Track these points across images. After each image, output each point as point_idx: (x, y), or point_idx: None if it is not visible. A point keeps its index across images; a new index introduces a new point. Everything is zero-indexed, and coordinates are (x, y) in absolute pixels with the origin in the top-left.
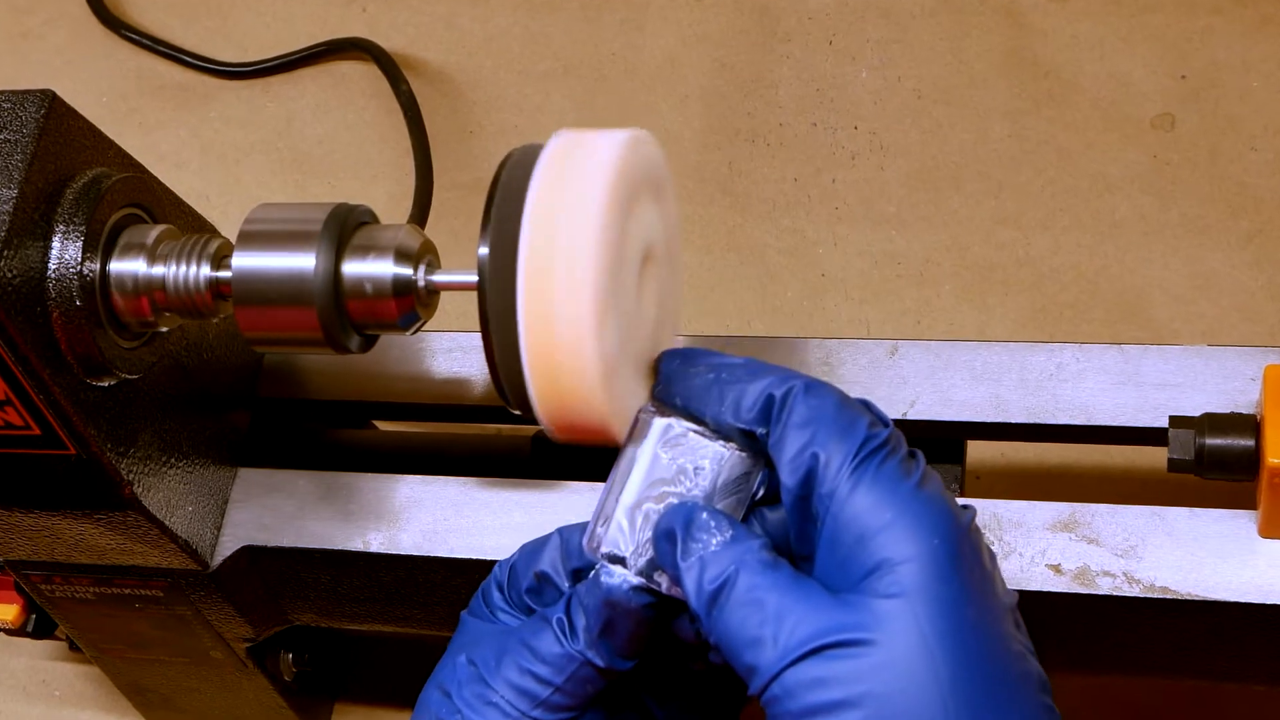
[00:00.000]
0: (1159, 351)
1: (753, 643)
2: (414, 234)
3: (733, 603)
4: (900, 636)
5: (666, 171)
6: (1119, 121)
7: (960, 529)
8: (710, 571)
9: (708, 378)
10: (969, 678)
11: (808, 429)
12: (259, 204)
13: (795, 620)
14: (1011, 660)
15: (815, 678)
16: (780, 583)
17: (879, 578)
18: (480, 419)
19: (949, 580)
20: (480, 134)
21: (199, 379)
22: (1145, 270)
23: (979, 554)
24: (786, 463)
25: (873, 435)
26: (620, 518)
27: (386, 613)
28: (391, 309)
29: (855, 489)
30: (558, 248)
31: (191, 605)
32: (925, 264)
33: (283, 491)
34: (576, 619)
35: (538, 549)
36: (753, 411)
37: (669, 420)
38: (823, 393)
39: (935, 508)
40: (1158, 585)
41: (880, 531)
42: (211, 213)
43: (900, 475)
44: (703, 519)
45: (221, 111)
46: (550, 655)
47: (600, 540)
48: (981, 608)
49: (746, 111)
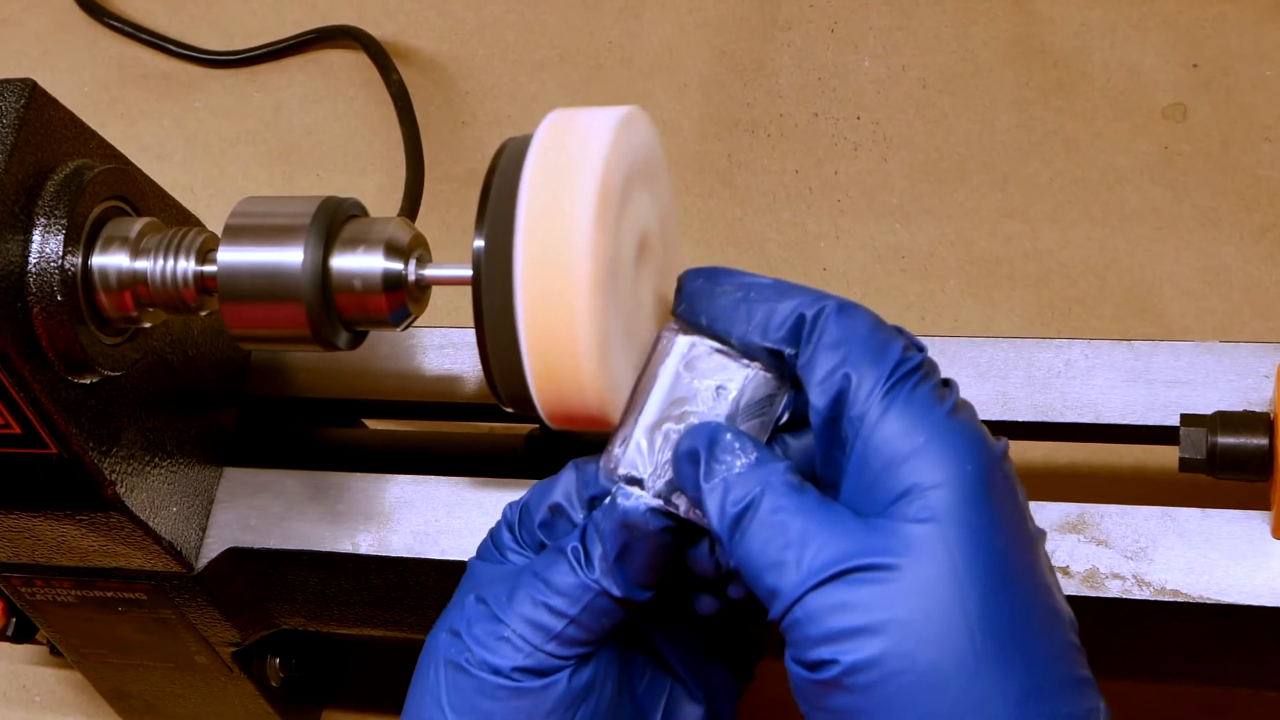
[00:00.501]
0: (1170, 348)
1: (775, 566)
2: (405, 227)
3: (756, 525)
4: (927, 562)
5: (661, 153)
6: (1129, 111)
7: (993, 456)
8: (734, 494)
9: (734, 296)
10: (997, 607)
11: (839, 350)
12: (245, 197)
13: (820, 544)
14: (1041, 593)
15: (838, 602)
16: (806, 506)
17: (908, 502)
18: (472, 417)
19: (980, 507)
20: (473, 124)
21: (184, 376)
22: (1156, 264)
23: (1011, 484)
24: (816, 384)
25: (906, 358)
26: (639, 437)
27: (376, 616)
28: (381, 304)
29: (887, 412)
30: (555, 241)
31: (176, 609)
32: (929, 258)
33: (270, 491)
34: (592, 547)
35: (551, 483)
36: (782, 330)
37: (692, 338)
38: (856, 314)
39: (968, 434)
40: (1169, 588)
41: (912, 456)
42: (196, 206)
43: (934, 400)
44: (727, 439)
45: (206, 101)
46: (565, 586)
47: (618, 461)
48: (1012, 538)
49: (746, 101)
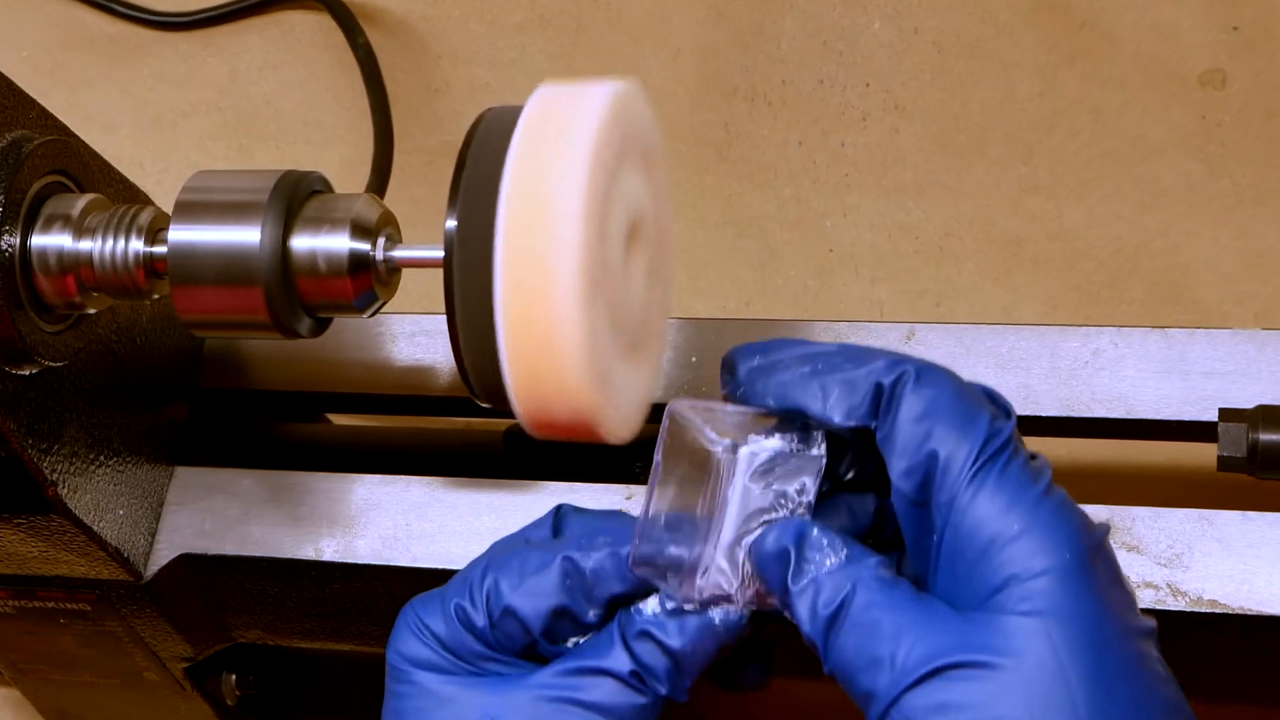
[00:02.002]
0: (1207, 336)
1: (870, 665)
2: (372, 204)
3: (849, 625)
4: (1032, 656)
5: (656, 132)
6: (1163, 78)
7: (1094, 541)
8: (825, 594)
9: (801, 371)
10: (1107, 702)
11: (922, 424)
12: (198, 171)
13: (915, 639)
14: (1156, 684)
15: (938, 702)
16: (899, 600)
17: (1007, 594)
18: (446, 411)
19: (1084, 597)
20: (447, 92)
21: (131, 367)
22: (1192, 245)
23: (1114, 570)
24: (899, 463)
25: (996, 432)
26: (721, 561)
27: (341, 629)
28: (346, 288)
29: (978, 495)
30: (538, 221)
31: (123, 620)
32: (945, 238)
33: (225, 493)
34: (654, 663)
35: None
36: (864, 406)
37: (750, 449)
38: (938, 380)
39: (1067, 517)
40: (1206, 598)
41: (1010, 543)
42: (145, 181)
43: (1027, 480)
44: (814, 536)
45: (157, 68)
46: (623, 708)
47: (701, 591)
48: (1120, 627)
49: (745, 67)
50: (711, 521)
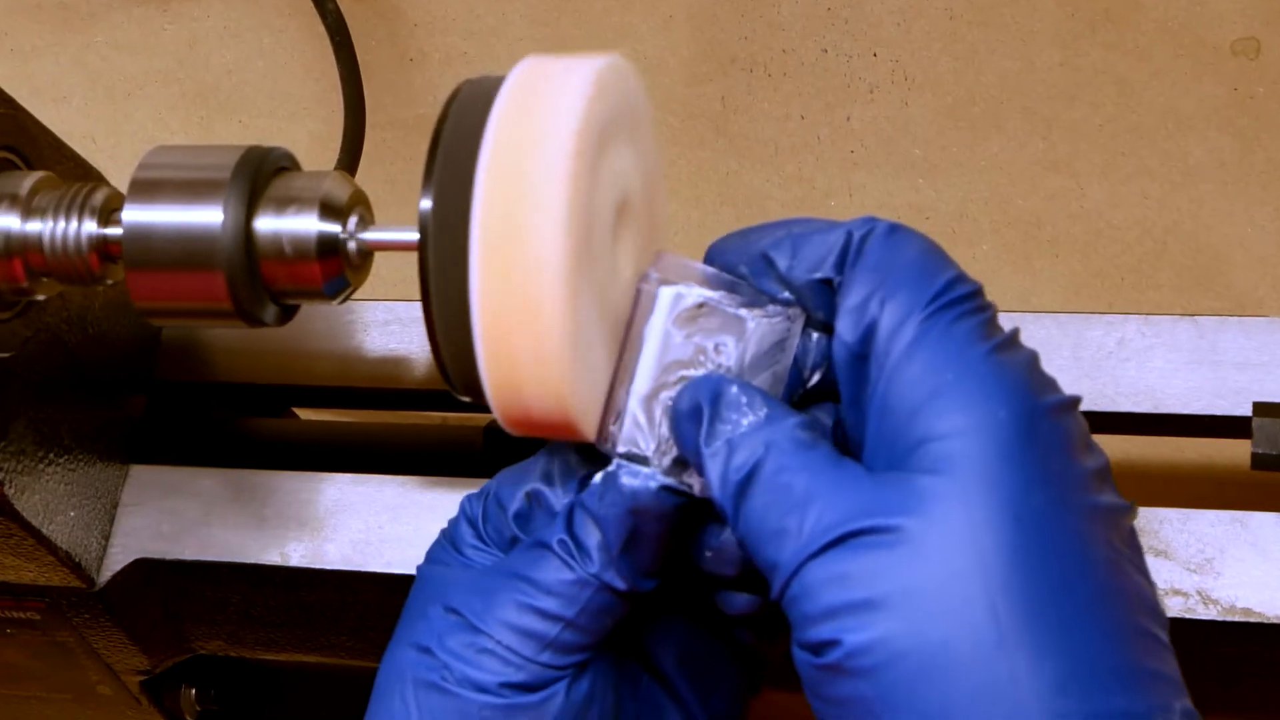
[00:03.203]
0: (1240, 324)
1: (775, 535)
2: (343, 183)
3: (758, 490)
4: (939, 521)
5: (647, 107)
6: (1193, 47)
7: (1040, 405)
8: (739, 457)
9: (777, 235)
10: (1029, 578)
11: (877, 274)
12: (155, 147)
13: (823, 505)
14: (1094, 566)
15: (838, 573)
16: (814, 463)
17: (925, 450)
18: (422, 405)
19: (1015, 460)
20: (423, 62)
21: (83, 358)
22: (1224, 226)
23: (1067, 442)
24: (846, 313)
25: (953, 286)
26: (635, 409)
27: (310, 639)
28: (315, 273)
29: (916, 346)
30: (519, 201)
31: (74, 630)
32: (959, 219)
33: (184, 493)
34: (585, 536)
35: (524, 468)
36: (830, 258)
37: (676, 289)
38: (907, 237)
39: (1009, 374)
40: (1239, 606)
41: (937, 396)
42: (98, 157)
43: (976, 336)
44: (732, 394)
45: (110, 35)
46: (557, 584)
47: (615, 439)
48: (1057, 498)
49: (743, 35)
50: (625, 360)
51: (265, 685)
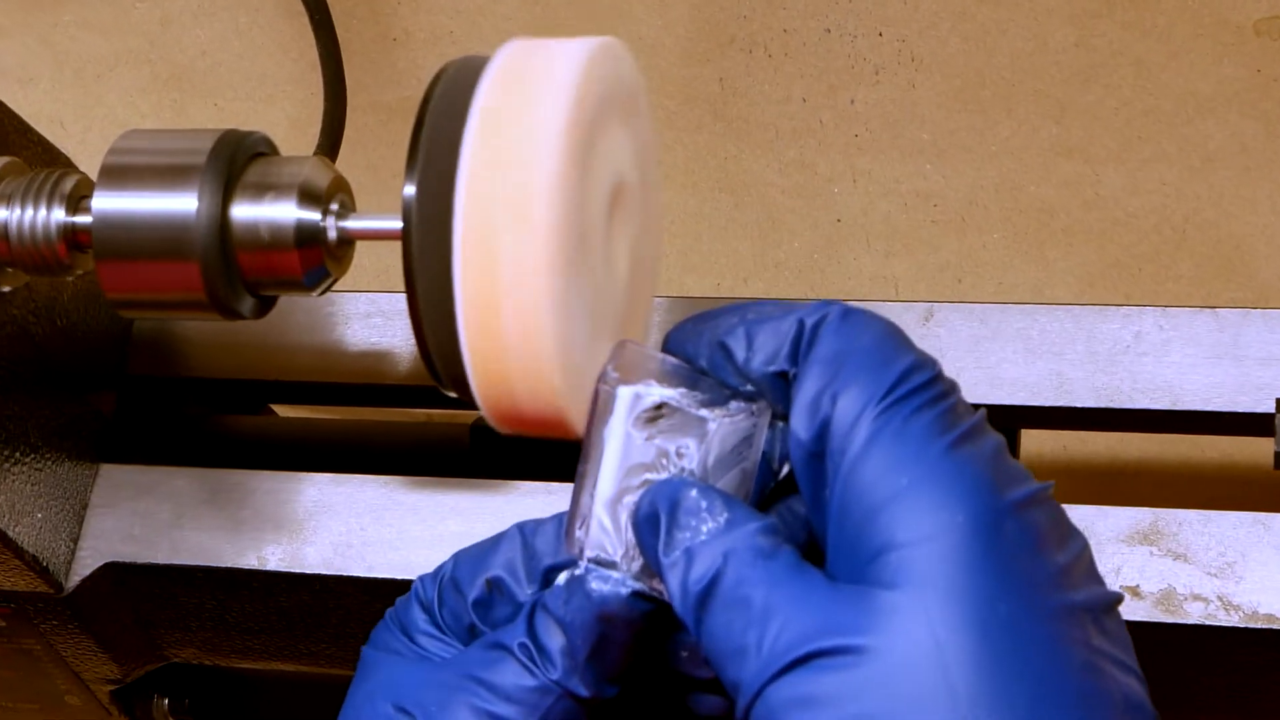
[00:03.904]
0: (1263, 317)
1: (737, 652)
2: (322, 168)
3: (718, 604)
4: (903, 639)
5: (641, 88)
6: (1213, 26)
7: (1002, 503)
8: (697, 568)
9: (730, 322)
10: (998, 691)
11: (832, 365)
12: (126, 131)
13: (783, 622)
14: (1071, 672)
15: (800, 695)
16: (773, 575)
17: (884, 562)
18: (406, 402)
19: (977, 567)
20: (407, 42)
21: (51, 352)
22: (1246, 214)
23: (1037, 540)
24: (799, 410)
25: (910, 375)
26: (600, 514)
27: (288, 647)
28: (294, 263)
29: (872, 445)
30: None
31: (42, 637)
32: (968, 206)
33: (156, 494)
34: (548, 640)
35: (486, 552)
36: (785, 347)
37: (635, 389)
38: (861, 322)
39: (968, 472)
40: (1262, 612)
41: (894, 501)
42: (66, 142)
43: (934, 430)
44: (691, 499)
45: (79, 14)
46: (516, 690)
47: (582, 544)
48: (1026, 604)
49: (742, 13)
50: (588, 463)
51: (241, 695)
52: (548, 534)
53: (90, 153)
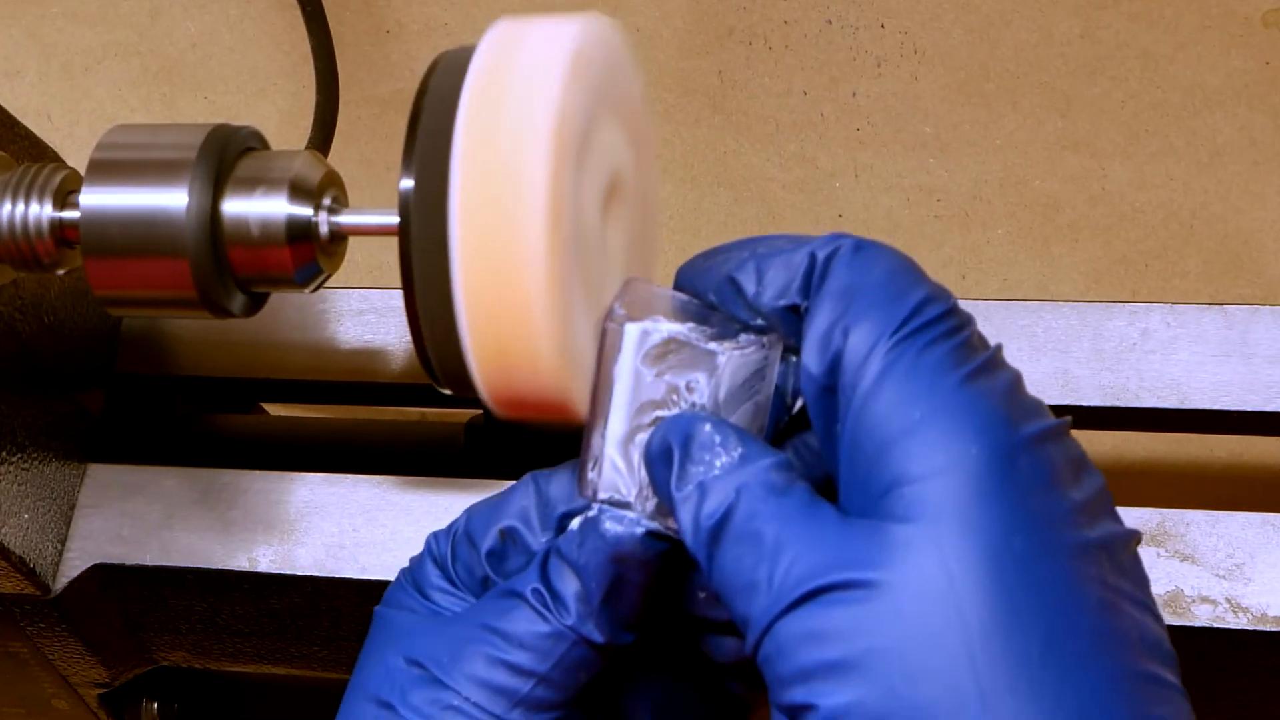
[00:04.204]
0: (1272, 314)
1: (747, 588)
2: (314, 163)
3: (729, 538)
4: (914, 573)
5: (638, 77)
6: (1221, 18)
7: (1017, 437)
8: (710, 502)
9: (741, 257)
10: (1011, 627)
11: (844, 298)
12: (115, 125)
13: (794, 556)
14: (1086, 609)
15: (810, 630)
16: (785, 510)
17: (896, 496)
18: (400, 400)
19: (989, 502)
20: (400, 35)
21: (38, 349)
22: (1255, 209)
23: (1052, 475)
24: (811, 343)
25: (923, 308)
26: (612, 454)
27: (279, 650)
28: (285, 259)
29: (884, 378)
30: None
31: (28, 640)
32: (972, 201)
33: (146, 494)
34: (562, 585)
35: (499, 502)
36: (796, 281)
37: (642, 325)
38: (875, 254)
39: (980, 407)
40: (1271, 615)
41: (907, 435)
42: (53, 135)
43: (947, 365)
44: (705, 433)
45: (67, 6)
46: (529, 637)
47: (595, 486)
48: (1041, 539)
49: (742, 4)
50: (597, 403)
51: (232, 698)
52: (562, 481)
53: (78, 147)
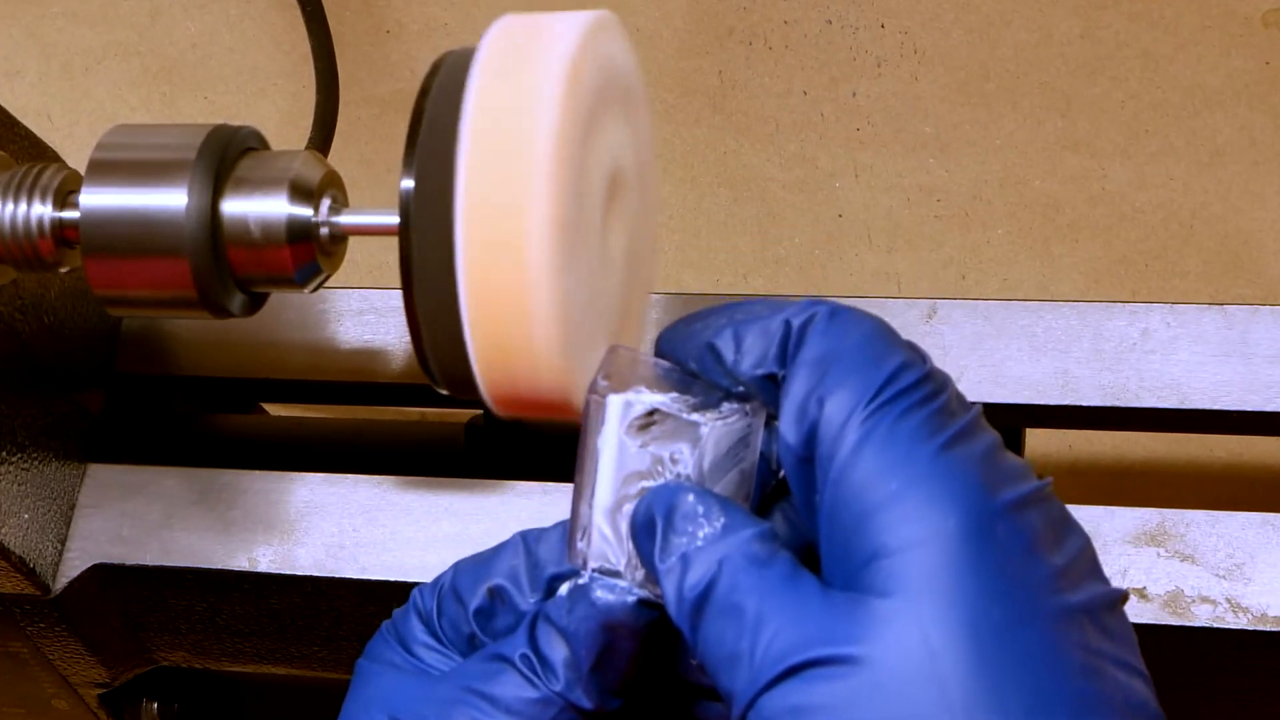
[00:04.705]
0: (1272, 314)
1: (730, 661)
2: (314, 163)
3: (712, 611)
4: (895, 648)
5: (638, 76)
6: (1221, 18)
7: (995, 504)
8: (693, 574)
9: (719, 324)
10: (993, 698)
11: (819, 367)
12: (115, 125)
13: (775, 630)
14: (1069, 676)
15: (793, 706)
16: (767, 582)
17: (876, 569)
18: (399, 400)
19: (969, 573)
20: (400, 34)
21: (38, 349)
22: (1255, 209)
23: (1031, 541)
24: (788, 413)
25: (899, 375)
26: (600, 523)
27: (279, 650)
28: (285, 259)
29: (860, 450)
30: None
31: (29, 640)
32: (972, 201)
33: (146, 494)
34: (550, 651)
35: (488, 560)
36: (773, 349)
37: (625, 397)
38: (850, 321)
39: (958, 475)
40: (1271, 615)
41: (885, 507)
42: (54, 136)
43: (924, 432)
44: (688, 504)
45: (67, 5)
46: (517, 703)
47: (585, 555)
48: (1021, 607)
49: (742, 4)
50: (584, 474)
51: (231, 698)
52: (551, 542)
53: (78, 147)
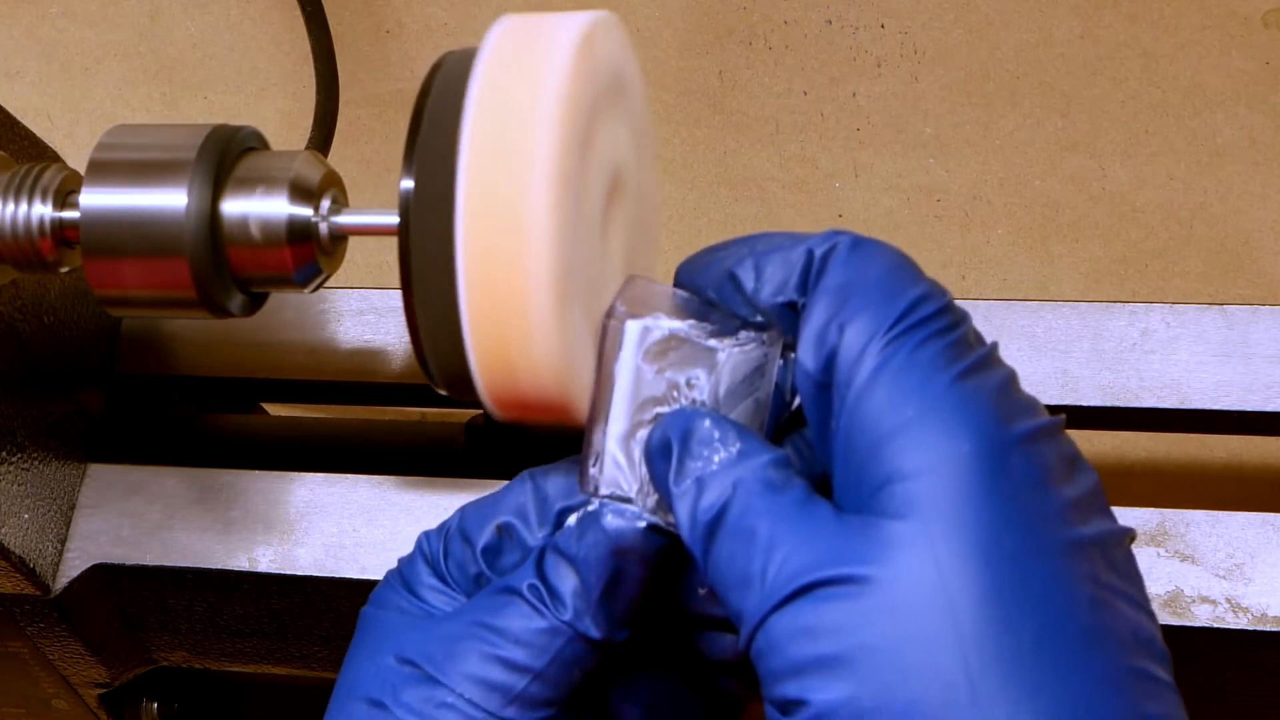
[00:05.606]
0: (1272, 314)
1: (740, 582)
2: (314, 163)
3: (724, 534)
4: (905, 570)
5: (638, 76)
6: (1221, 18)
7: (1009, 435)
8: (707, 497)
9: (740, 253)
10: (1003, 626)
11: (840, 295)
12: (115, 125)
13: (787, 552)
14: (1078, 607)
15: (803, 625)
16: (780, 506)
17: (889, 493)
18: (399, 400)
19: (982, 499)
20: (400, 34)
21: (38, 349)
22: (1255, 209)
23: (1044, 473)
24: (807, 339)
25: (918, 305)
26: (614, 450)
27: (279, 650)
28: (285, 259)
29: (878, 376)
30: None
31: (28, 640)
32: (971, 201)
33: (145, 494)
34: (559, 581)
35: (495, 500)
36: (793, 278)
37: (643, 321)
38: (872, 251)
39: (974, 404)
40: (1271, 615)
41: (899, 432)
42: (54, 136)
43: (941, 362)
44: (704, 429)
45: (67, 5)
46: (525, 633)
47: (596, 481)
48: (1032, 537)
49: (741, 4)
50: (598, 399)
51: (231, 699)
52: (558, 477)
53: (78, 147)
